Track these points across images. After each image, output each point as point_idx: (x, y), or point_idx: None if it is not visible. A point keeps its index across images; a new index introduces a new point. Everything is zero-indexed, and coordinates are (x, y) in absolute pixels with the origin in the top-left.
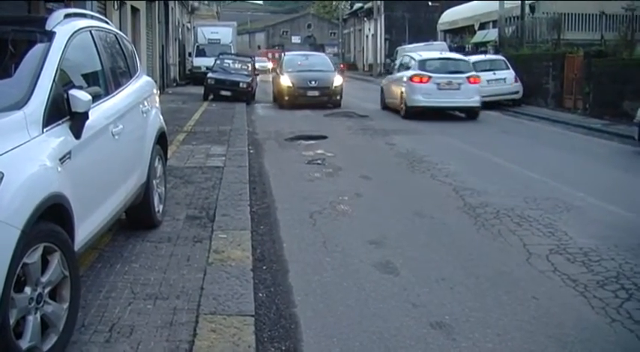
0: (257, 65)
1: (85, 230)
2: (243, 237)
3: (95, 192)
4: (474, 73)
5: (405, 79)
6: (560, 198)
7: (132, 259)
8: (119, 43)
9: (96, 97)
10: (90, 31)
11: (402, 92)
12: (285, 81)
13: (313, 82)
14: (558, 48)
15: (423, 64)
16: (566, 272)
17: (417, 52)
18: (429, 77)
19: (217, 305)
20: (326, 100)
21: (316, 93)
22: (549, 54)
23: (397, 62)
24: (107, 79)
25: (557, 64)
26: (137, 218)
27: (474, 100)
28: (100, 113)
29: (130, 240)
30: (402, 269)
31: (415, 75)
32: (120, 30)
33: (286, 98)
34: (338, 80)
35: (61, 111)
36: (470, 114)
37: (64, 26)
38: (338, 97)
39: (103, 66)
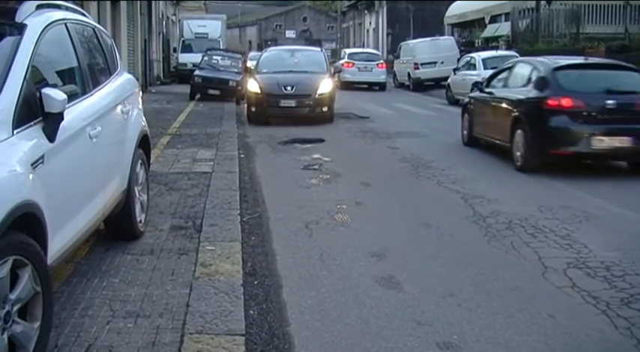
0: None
1: (59, 241)
2: (233, 249)
3: (71, 199)
4: (382, 61)
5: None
6: (578, 206)
7: (111, 273)
8: (97, 37)
9: (72, 97)
10: (65, 24)
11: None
12: (253, 86)
13: (289, 88)
14: (577, 43)
15: (351, 56)
16: (586, 289)
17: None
18: (353, 63)
19: (204, 323)
20: (306, 113)
21: (292, 102)
22: (567, 49)
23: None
24: (84, 76)
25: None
26: (117, 228)
27: (381, 78)
28: (76, 114)
29: (109, 253)
30: (406, 284)
31: (345, 62)
32: (98, 23)
33: (252, 109)
34: (325, 85)
35: (33, 111)
36: (380, 86)
37: (36, 18)
38: (325, 109)
39: (79, 62)
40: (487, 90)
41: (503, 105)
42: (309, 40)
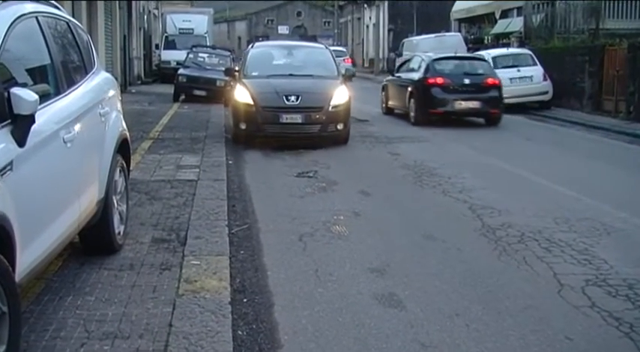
0: None
1: (29, 256)
2: (220, 263)
3: (42, 210)
4: (347, 56)
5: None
6: (597, 218)
7: (86, 290)
8: (72, 32)
9: (44, 97)
10: (36, 18)
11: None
12: (241, 95)
13: (292, 98)
14: (597, 39)
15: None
16: (606, 308)
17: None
18: None
19: (189, 345)
20: (316, 132)
21: (298, 118)
22: (586, 46)
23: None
24: (58, 75)
25: (595, 58)
26: (93, 241)
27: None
28: (48, 116)
29: (84, 268)
30: (409, 302)
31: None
32: (73, 17)
33: (242, 127)
34: (341, 95)
35: (0, 113)
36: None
37: (3, 11)
38: (340, 126)
39: (52, 60)
40: (396, 75)
41: (404, 84)
42: (303, 36)
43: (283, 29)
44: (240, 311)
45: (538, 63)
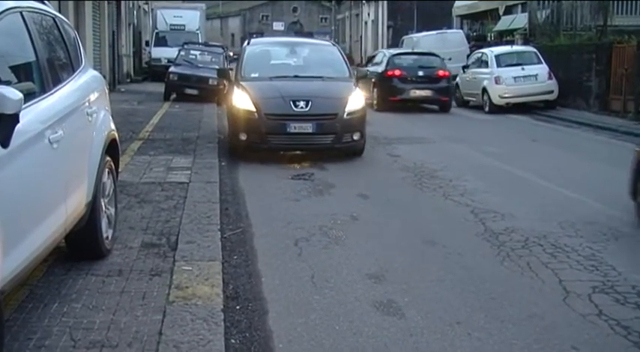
0: None
1: (12, 261)
2: (212, 269)
3: (27, 213)
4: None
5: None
6: (605, 222)
7: (72, 297)
8: (59, 28)
9: (29, 96)
10: (21, 13)
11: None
12: (241, 100)
13: (301, 104)
14: (604, 36)
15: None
16: (614, 317)
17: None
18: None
19: None
20: (329, 143)
21: (308, 127)
22: (593, 44)
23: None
24: (43, 72)
25: (602, 56)
26: (80, 246)
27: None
28: (33, 115)
29: (71, 274)
30: (408, 309)
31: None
32: (60, 12)
33: (242, 137)
34: (356, 100)
35: None
36: None
37: None
38: (357, 137)
39: (37, 56)
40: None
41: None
42: (299, 33)
43: (278, 26)
44: (233, 318)
45: (543, 61)
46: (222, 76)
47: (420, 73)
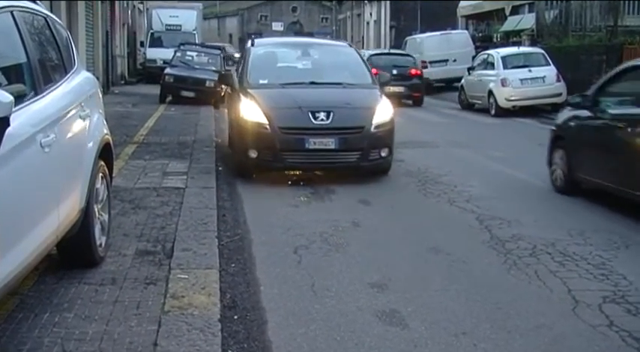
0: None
1: (2, 269)
2: (209, 277)
3: (17, 220)
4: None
5: None
6: (615, 230)
7: (64, 307)
8: (50, 28)
9: (19, 98)
10: (11, 12)
11: None
12: (251, 111)
13: (321, 115)
14: (615, 37)
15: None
16: (626, 328)
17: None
18: None
19: None
20: (355, 162)
21: (330, 142)
22: (603, 45)
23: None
24: (34, 74)
25: (612, 57)
26: (72, 253)
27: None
28: (25, 118)
29: (63, 283)
30: (411, 319)
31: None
32: (51, 12)
33: (253, 155)
34: (384, 110)
35: None
36: None
37: None
38: (384, 153)
39: (28, 57)
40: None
41: None
42: (299, 33)
43: (278, 26)
44: (230, 329)
45: (551, 63)
46: (224, 81)
47: (395, 72)
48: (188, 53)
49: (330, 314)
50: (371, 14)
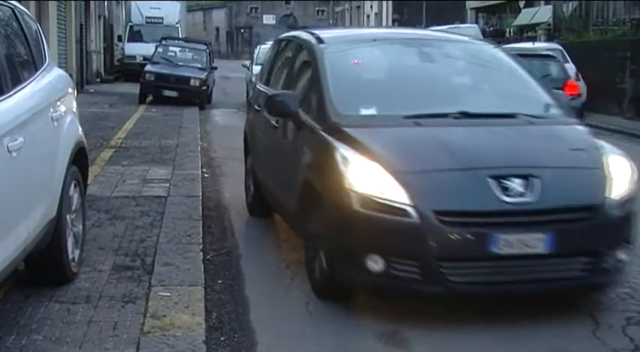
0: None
1: None
2: (194, 295)
3: None
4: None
5: None
6: (638, 244)
7: (32, 328)
8: (18, 20)
9: None
10: None
11: None
12: (368, 178)
13: (516, 185)
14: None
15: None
16: None
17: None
18: None
19: None
20: (581, 276)
21: (539, 241)
22: (627, 40)
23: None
24: (1, 72)
25: (637, 54)
26: (42, 268)
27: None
28: None
29: (31, 301)
30: (415, 341)
31: None
32: (20, 2)
33: (375, 266)
34: (620, 169)
35: None
36: None
37: None
38: (624, 256)
39: None
40: None
41: None
42: (292, 28)
43: (269, 19)
44: (217, 351)
45: (569, 60)
46: (280, 110)
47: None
48: (170, 49)
49: (325, 335)
50: (371, 7)
